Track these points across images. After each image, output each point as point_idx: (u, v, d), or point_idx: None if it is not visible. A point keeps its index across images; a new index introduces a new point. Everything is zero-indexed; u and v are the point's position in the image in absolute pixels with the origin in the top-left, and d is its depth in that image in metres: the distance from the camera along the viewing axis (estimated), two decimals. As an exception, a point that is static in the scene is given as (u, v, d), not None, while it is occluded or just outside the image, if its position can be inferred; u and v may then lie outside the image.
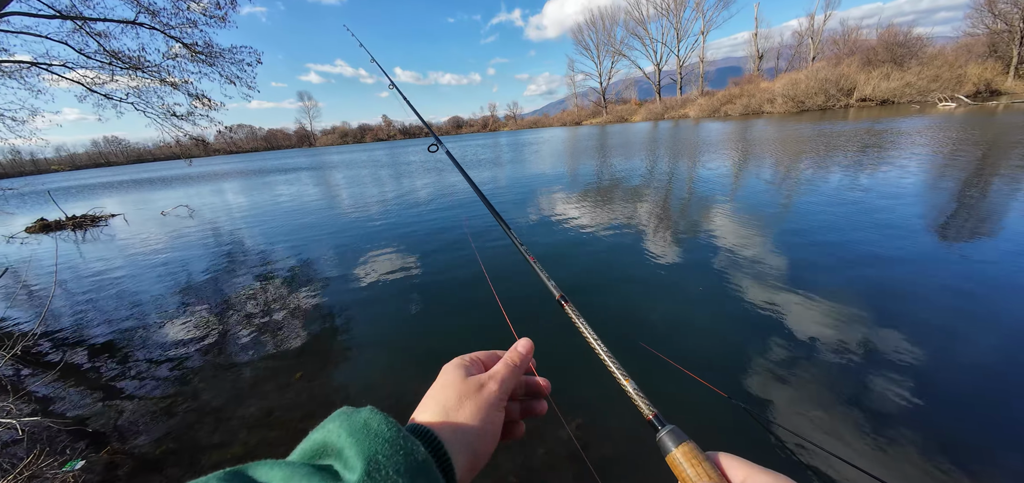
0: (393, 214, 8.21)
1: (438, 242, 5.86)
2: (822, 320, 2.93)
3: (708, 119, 40.04)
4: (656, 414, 0.44)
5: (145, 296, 4.85)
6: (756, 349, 2.67)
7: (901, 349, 2.54)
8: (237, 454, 2.17)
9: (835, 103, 33.28)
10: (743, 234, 4.92)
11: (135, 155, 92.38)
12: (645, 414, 0.46)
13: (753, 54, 56.47)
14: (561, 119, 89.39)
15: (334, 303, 4.10)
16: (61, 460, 2.22)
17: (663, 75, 68.32)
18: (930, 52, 32.15)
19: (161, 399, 2.78)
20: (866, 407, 2.11)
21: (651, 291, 3.70)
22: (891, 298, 3.16)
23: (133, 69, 9.33)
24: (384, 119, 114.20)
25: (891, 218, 4.97)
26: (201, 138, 11.15)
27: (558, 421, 2.19)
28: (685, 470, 0.36)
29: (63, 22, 8.68)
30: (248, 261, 5.95)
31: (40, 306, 4.97)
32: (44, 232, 10.33)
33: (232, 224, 9.01)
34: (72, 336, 3.96)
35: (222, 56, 10.03)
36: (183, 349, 3.45)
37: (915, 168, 7.69)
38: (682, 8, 62.09)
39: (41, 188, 25.34)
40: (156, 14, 9.17)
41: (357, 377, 2.81)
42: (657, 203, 7.03)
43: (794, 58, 55.97)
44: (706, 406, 2.20)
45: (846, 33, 43.61)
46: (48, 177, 51.98)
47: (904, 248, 4.07)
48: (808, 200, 6.20)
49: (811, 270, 3.77)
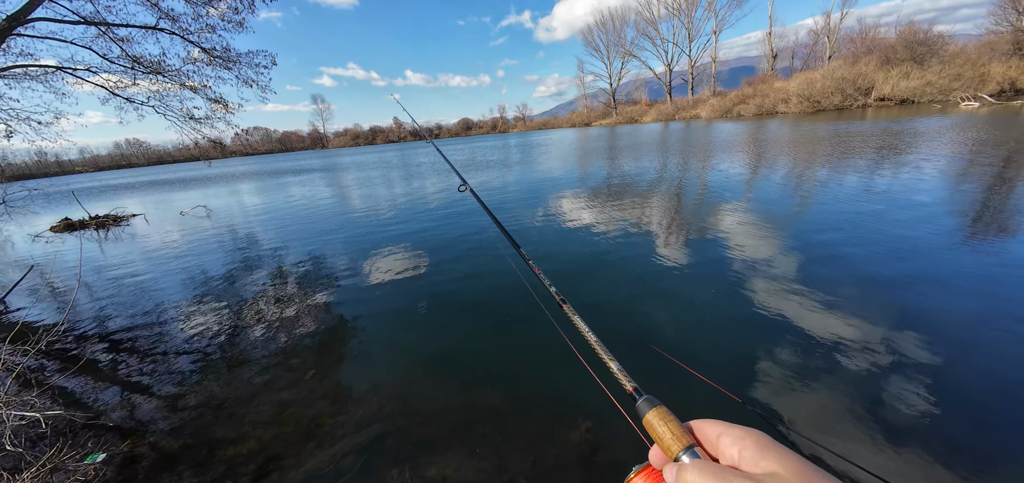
0: (402, 215, 8.28)
1: (448, 244, 5.89)
2: (839, 325, 2.86)
3: (720, 119, 39.47)
4: (635, 387, 0.50)
5: (164, 294, 4.98)
6: (770, 354, 2.61)
7: (924, 357, 2.46)
8: (251, 449, 2.21)
9: (852, 103, 32.47)
10: (756, 236, 4.84)
11: (155, 157, 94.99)
12: (626, 387, 0.52)
13: (767, 53, 55.51)
14: (570, 120, 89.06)
15: (344, 302, 4.15)
16: (82, 453, 2.29)
17: (674, 75, 67.59)
18: (952, 50, 31.10)
19: (178, 394, 2.85)
20: (886, 415, 2.05)
21: (661, 294, 3.65)
22: (913, 304, 3.06)
23: (154, 73, 9.63)
24: (395, 121, 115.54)
25: (912, 221, 4.83)
26: (218, 140, 11.43)
27: (569, 422, 2.18)
28: (657, 429, 0.43)
29: (87, 28, 9.00)
30: (263, 260, 6.07)
31: (64, 303, 5.14)
32: (68, 231, 10.68)
33: (248, 224, 9.20)
34: (94, 332, 4.08)
35: (239, 60, 10.29)
36: (199, 345, 3.53)
37: (936, 169, 7.46)
38: (694, 8, 61.35)
39: (65, 189, 26.24)
40: (176, 20, 9.45)
41: (366, 376, 2.84)
42: (667, 205, 6.95)
43: (809, 57, 54.84)
44: (719, 410, 2.15)
45: (864, 31, 42.57)
46: (72, 178, 53.83)
47: (927, 252, 3.95)
48: (825, 202, 6.06)
49: (828, 273, 3.68)
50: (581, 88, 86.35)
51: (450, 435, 2.20)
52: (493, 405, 2.36)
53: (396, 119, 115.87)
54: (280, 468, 2.07)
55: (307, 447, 2.19)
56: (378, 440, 2.21)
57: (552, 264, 4.65)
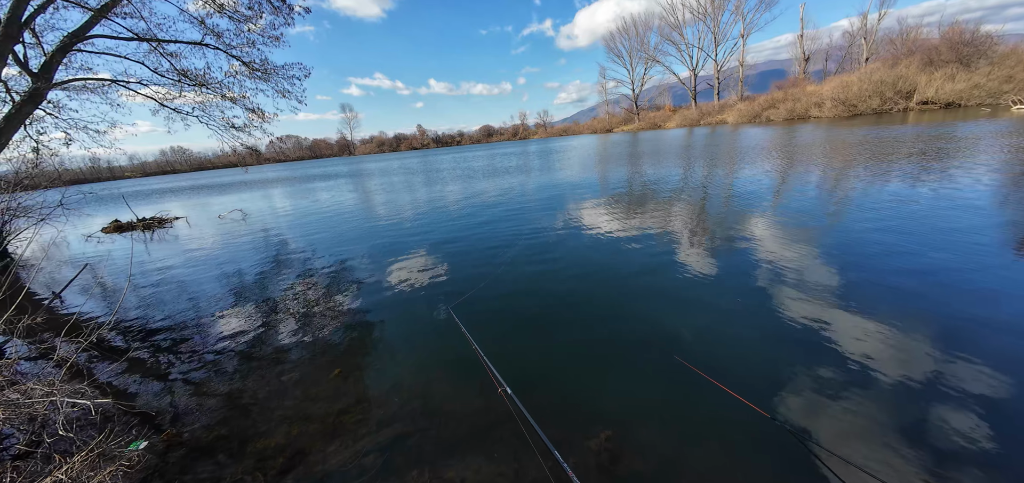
0: (424, 221, 8.44)
1: (469, 250, 5.96)
2: (877, 340, 2.70)
3: (748, 124, 38.25)
4: None
5: (202, 293, 5.26)
6: (800, 368, 2.50)
7: (970, 379, 2.29)
8: (280, 444, 2.29)
9: (892, 106, 30.72)
10: (786, 244, 4.64)
11: (197, 163, 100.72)
12: None
13: (798, 56, 53.46)
14: (592, 126, 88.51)
15: (369, 304, 4.27)
16: (127, 440, 2.45)
17: (699, 80, 66.10)
18: (1001, 51, 28.96)
19: (213, 388, 3.00)
20: (927, 439, 1.92)
21: (685, 303, 3.56)
22: (960, 320, 2.86)
23: (199, 85, 10.30)
24: (418, 128, 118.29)
25: (959, 232, 4.51)
26: (255, 148, 12.07)
27: (586, 430, 2.15)
28: None
29: (140, 44, 9.72)
30: (293, 262, 6.32)
31: (113, 299, 5.52)
32: (118, 232, 11.47)
33: (279, 227, 9.62)
34: (139, 327, 4.36)
35: (276, 72, 10.88)
36: (234, 342, 3.71)
37: (990, 179, 6.95)
38: (721, 11, 59.93)
39: (116, 193, 28.25)
40: (220, 36, 10.11)
41: (388, 376, 2.90)
42: (691, 211, 6.78)
43: (845, 60, 52.38)
44: (746, 426, 2.08)
45: (904, 32, 40.33)
46: (122, 182, 57.89)
47: (978, 265, 3.68)
48: (863, 210, 5.76)
49: (865, 285, 3.48)
50: (603, 94, 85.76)
51: (469, 438, 2.21)
52: (511, 410, 2.35)
53: (419, 126, 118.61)
54: (306, 463, 2.14)
55: (332, 444, 2.26)
56: (399, 440, 2.25)
57: (572, 271, 4.61)
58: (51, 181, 9.83)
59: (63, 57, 9.02)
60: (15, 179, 8.41)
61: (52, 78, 8.95)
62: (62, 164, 11.04)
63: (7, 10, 7.90)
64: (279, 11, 10.25)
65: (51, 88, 9.14)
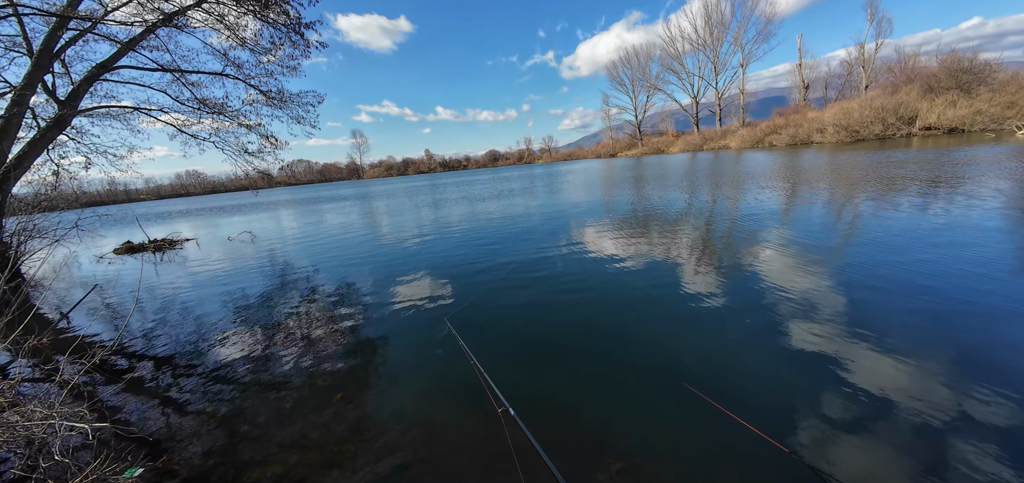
0: (428, 243, 8.47)
1: (472, 273, 5.94)
2: (896, 370, 2.60)
3: (751, 149, 38.49)
4: None
5: (206, 315, 5.27)
6: (819, 399, 2.40)
7: (999, 414, 2.18)
8: (276, 473, 2.23)
9: (895, 132, 30.85)
10: (796, 270, 4.57)
11: (210, 186, 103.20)
12: None
13: (798, 84, 54.34)
14: (595, 151, 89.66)
15: (372, 326, 4.23)
16: (122, 466, 2.39)
17: (701, 107, 67.18)
18: (1001, 78, 29.22)
19: (212, 414, 2.94)
20: (955, 479, 1.81)
21: (693, 328, 3.48)
22: (986, 350, 2.76)
23: (217, 113, 10.69)
24: (426, 153, 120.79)
25: (975, 257, 4.42)
26: (267, 172, 12.38)
27: (596, 463, 2.06)
28: None
29: (163, 74, 10.16)
30: (299, 283, 6.34)
31: (119, 320, 5.54)
32: (129, 253, 11.64)
33: (286, 249, 9.70)
34: (141, 349, 4.35)
35: (291, 100, 11.29)
36: (236, 366, 3.67)
37: (999, 204, 6.86)
38: (719, 42, 61.57)
39: (130, 214, 28.85)
40: (240, 67, 10.56)
41: (391, 401, 2.84)
42: (697, 235, 6.74)
43: (844, 87, 53.12)
44: (761, 460, 1.98)
45: (903, 60, 40.91)
46: (137, 205, 59.24)
47: (997, 291, 3.57)
48: (874, 234, 5.68)
49: (880, 311, 3.39)
50: (606, 120, 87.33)
51: (471, 467, 2.13)
52: (514, 439, 2.28)
53: (427, 151, 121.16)
54: (303, 493, 2.07)
55: (331, 474, 2.18)
56: (399, 470, 2.18)
57: (577, 294, 4.56)
58: (69, 203, 10.09)
59: (90, 86, 9.44)
60: (33, 200, 8.64)
61: (78, 105, 9.33)
62: (80, 187, 11.35)
63: (40, 42, 8.35)
64: (297, 45, 10.72)
65: (76, 115, 9.52)
